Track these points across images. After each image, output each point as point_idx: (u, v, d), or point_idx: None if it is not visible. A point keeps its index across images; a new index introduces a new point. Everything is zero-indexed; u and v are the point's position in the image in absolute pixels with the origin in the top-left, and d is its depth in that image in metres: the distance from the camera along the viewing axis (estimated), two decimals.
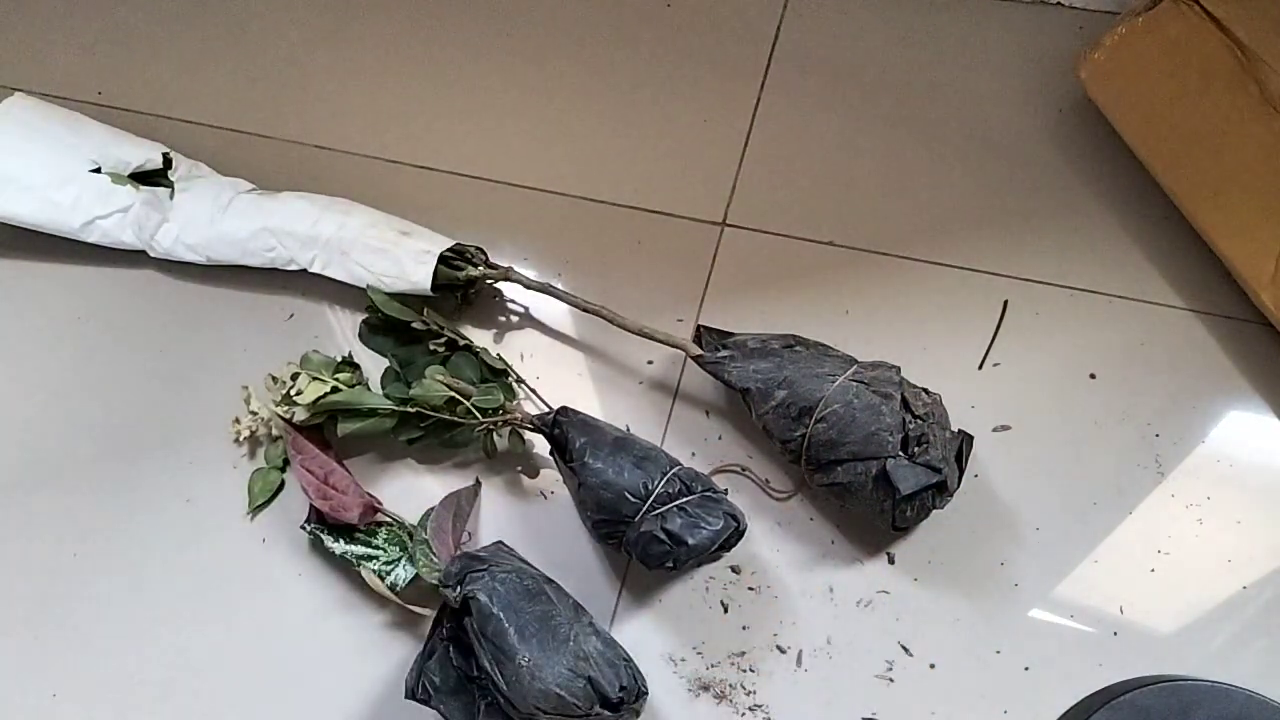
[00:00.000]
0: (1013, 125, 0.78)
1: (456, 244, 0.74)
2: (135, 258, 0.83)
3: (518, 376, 0.73)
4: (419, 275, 0.72)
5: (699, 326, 0.68)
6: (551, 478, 0.71)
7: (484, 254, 0.75)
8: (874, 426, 0.59)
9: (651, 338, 0.67)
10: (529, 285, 0.73)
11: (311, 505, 0.68)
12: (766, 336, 0.65)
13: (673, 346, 0.67)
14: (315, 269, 0.76)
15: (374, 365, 0.76)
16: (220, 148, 0.88)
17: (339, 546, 0.67)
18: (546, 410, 0.68)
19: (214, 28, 0.96)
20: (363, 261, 0.74)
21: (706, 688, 0.64)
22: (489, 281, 0.75)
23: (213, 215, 0.79)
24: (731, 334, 0.67)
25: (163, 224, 0.81)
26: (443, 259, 0.72)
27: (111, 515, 0.75)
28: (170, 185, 0.82)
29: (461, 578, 0.60)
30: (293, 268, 0.77)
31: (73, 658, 0.70)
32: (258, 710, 0.67)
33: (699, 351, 0.66)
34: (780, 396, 0.61)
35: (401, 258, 0.72)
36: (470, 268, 0.73)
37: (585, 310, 0.70)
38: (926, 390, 0.63)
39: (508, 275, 0.73)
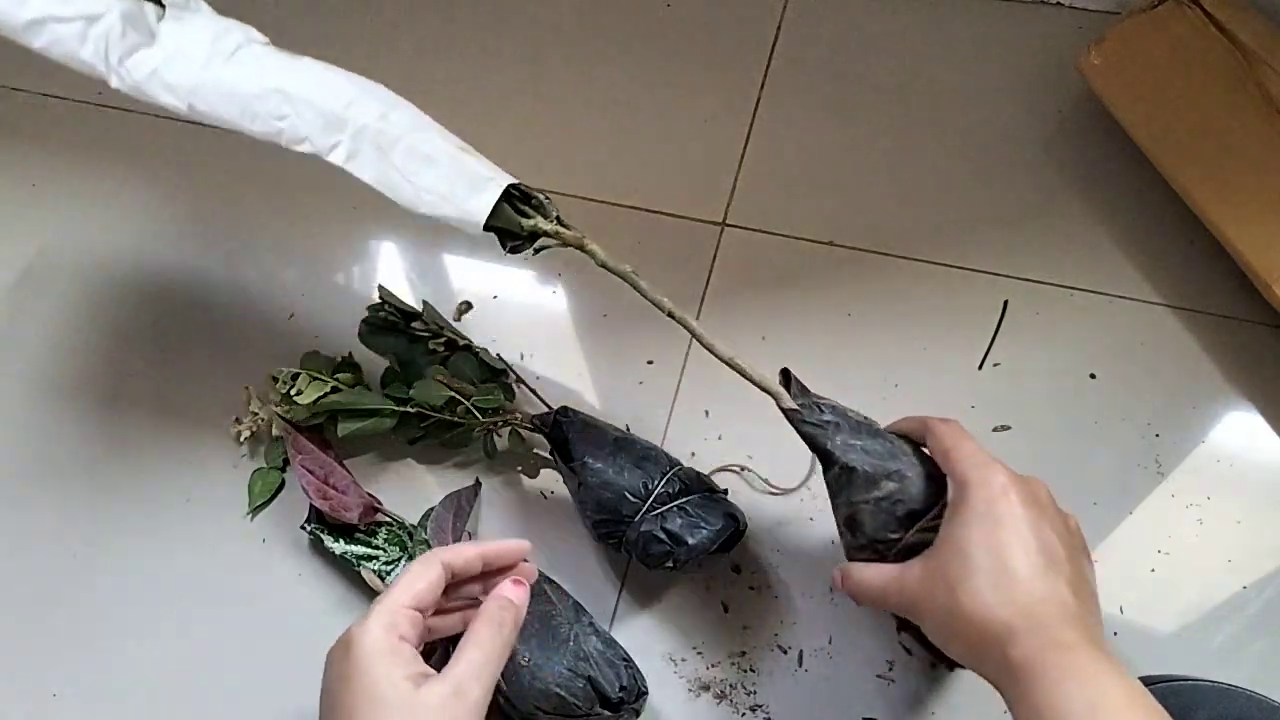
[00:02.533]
0: (1013, 125, 0.78)
1: (524, 184, 0.57)
2: (136, 258, 0.83)
3: (518, 376, 0.73)
4: (474, 203, 0.55)
5: (787, 372, 0.55)
6: (551, 478, 0.71)
7: (556, 209, 0.58)
8: None
9: (743, 374, 0.54)
10: (602, 264, 0.56)
11: (311, 505, 0.68)
12: (859, 413, 0.55)
13: (764, 391, 0.54)
14: (335, 159, 0.58)
15: (374, 365, 0.76)
16: (221, 149, 0.88)
17: (339, 546, 0.67)
18: (546, 410, 0.68)
19: None
20: (404, 167, 0.56)
21: (706, 688, 0.64)
22: (551, 245, 0.58)
23: (210, 57, 0.60)
24: (816, 395, 0.55)
25: (140, 49, 0.60)
26: (507, 196, 0.56)
27: (111, 515, 0.75)
28: (162, 5, 0.62)
29: None
30: (303, 149, 0.59)
31: (73, 658, 0.70)
32: (257, 710, 0.67)
33: (794, 405, 0.53)
34: (889, 489, 0.50)
35: (455, 176, 0.55)
36: (540, 219, 0.57)
37: (659, 308, 0.57)
38: None
39: (581, 244, 0.57)
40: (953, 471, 0.47)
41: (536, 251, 0.59)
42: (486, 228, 0.55)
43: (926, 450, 0.52)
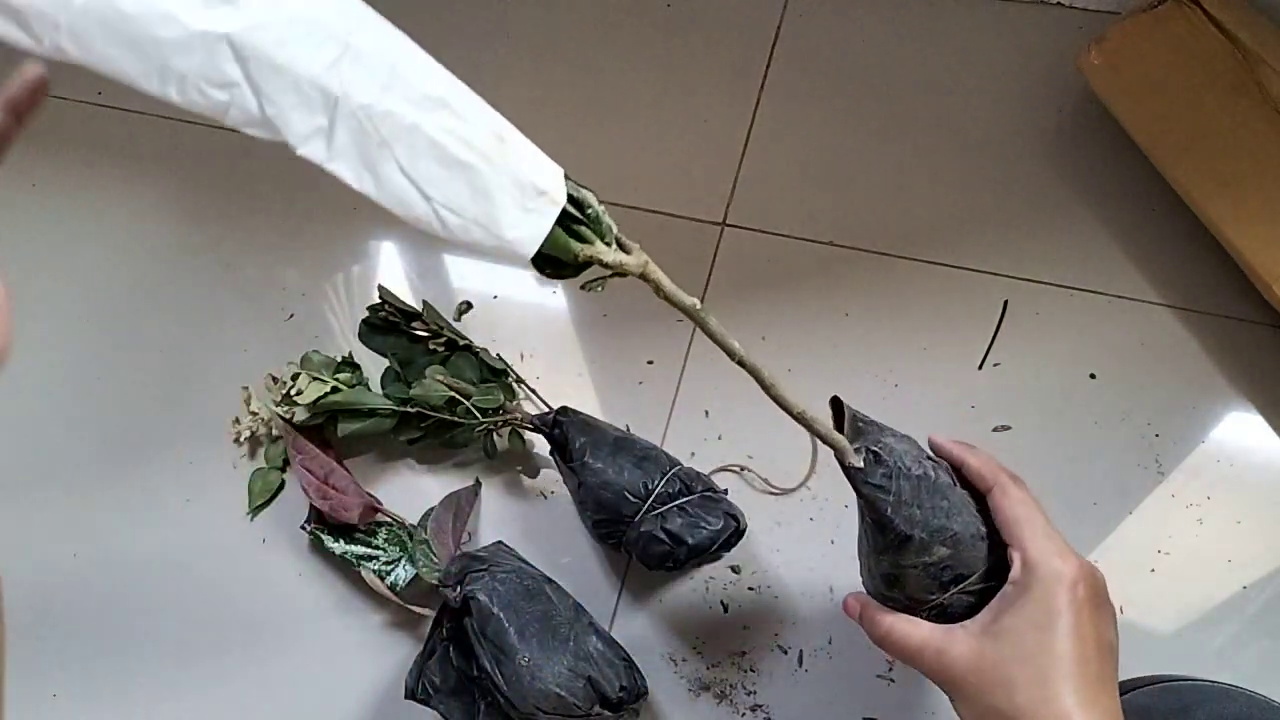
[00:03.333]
0: (1013, 125, 0.78)
1: (573, 182, 0.41)
2: (136, 258, 0.83)
3: (518, 376, 0.73)
4: (519, 230, 0.39)
5: (838, 401, 0.48)
6: (551, 478, 0.71)
7: (613, 224, 0.42)
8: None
9: (811, 429, 0.46)
10: (666, 298, 0.43)
11: (311, 505, 0.68)
12: (916, 449, 0.48)
13: (829, 446, 0.48)
14: (314, 156, 0.37)
15: (374, 365, 0.76)
16: (222, 149, 0.88)
17: (339, 546, 0.67)
18: (546, 410, 0.68)
19: None
20: (414, 169, 0.37)
21: (706, 688, 0.64)
22: (605, 279, 0.43)
23: None
24: (872, 422, 0.48)
25: None
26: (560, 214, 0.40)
27: (111, 515, 0.75)
28: None
29: (461, 578, 0.60)
30: (257, 134, 0.36)
31: (73, 658, 0.70)
32: (256, 710, 0.67)
33: (858, 464, 0.46)
34: (940, 555, 0.45)
35: (495, 188, 0.38)
36: (599, 243, 0.41)
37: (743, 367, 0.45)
38: None
39: (645, 274, 0.43)
40: (1022, 549, 0.43)
41: (586, 287, 0.45)
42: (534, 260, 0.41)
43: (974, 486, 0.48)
